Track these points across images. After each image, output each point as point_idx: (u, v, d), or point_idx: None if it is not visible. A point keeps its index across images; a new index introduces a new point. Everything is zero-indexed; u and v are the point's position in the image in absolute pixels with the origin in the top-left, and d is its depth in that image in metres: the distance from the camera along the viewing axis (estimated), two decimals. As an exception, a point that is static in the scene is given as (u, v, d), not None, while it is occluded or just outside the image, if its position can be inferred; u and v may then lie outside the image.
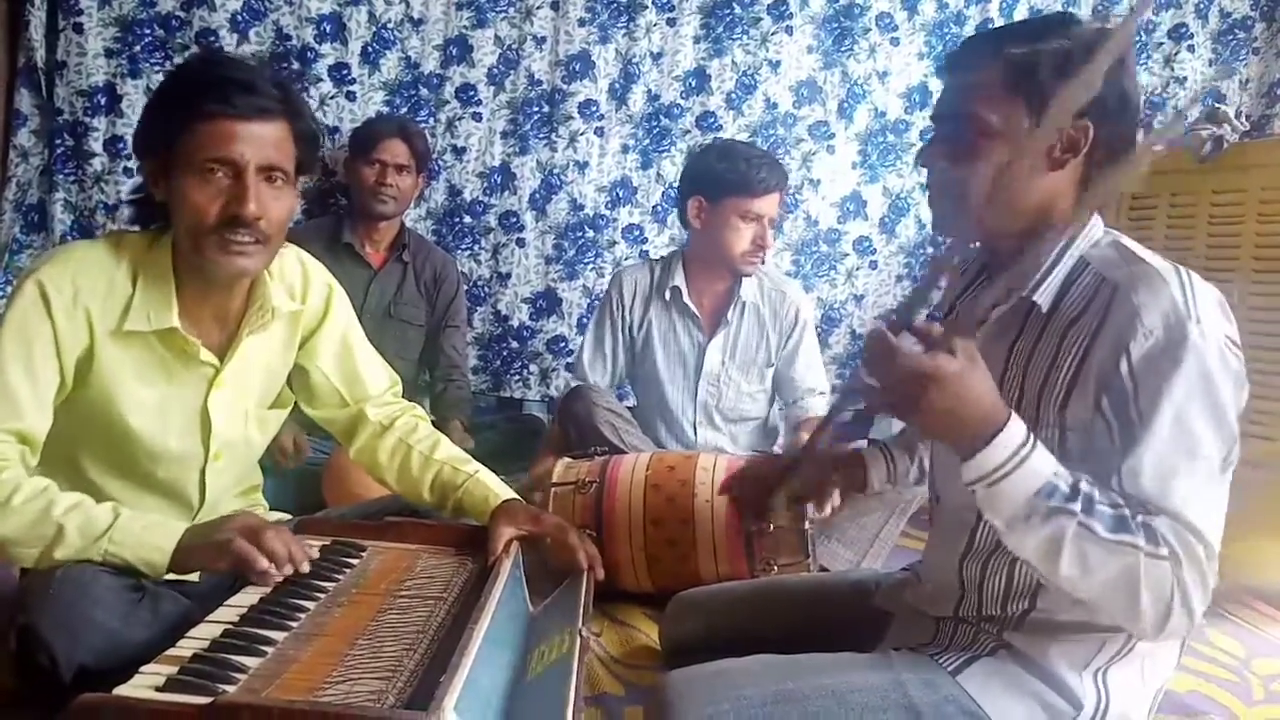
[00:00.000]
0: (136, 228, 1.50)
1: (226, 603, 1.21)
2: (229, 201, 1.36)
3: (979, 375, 1.06)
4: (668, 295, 2.64)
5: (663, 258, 2.78)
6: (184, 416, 1.51)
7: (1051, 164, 1.18)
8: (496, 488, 1.58)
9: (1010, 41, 1.19)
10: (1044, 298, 1.20)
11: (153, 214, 1.47)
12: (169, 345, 1.46)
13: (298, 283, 1.61)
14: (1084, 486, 1.06)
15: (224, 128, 1.35)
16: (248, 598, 1.23)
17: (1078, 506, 1.04)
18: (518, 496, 1.58)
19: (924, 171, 1.30)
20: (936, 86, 3.29)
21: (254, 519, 1.33)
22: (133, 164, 2.86)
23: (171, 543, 1.31)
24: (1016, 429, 1.05)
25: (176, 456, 1.51)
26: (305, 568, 1.30)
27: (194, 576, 1.46)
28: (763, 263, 2.58)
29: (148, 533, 1.32)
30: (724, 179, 2.50)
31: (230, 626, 1.14)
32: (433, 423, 1.76)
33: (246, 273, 1.44)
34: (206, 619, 1.16)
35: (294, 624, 1.17)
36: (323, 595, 1.27)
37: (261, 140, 1.37)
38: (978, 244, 1.36)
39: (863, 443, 1.68)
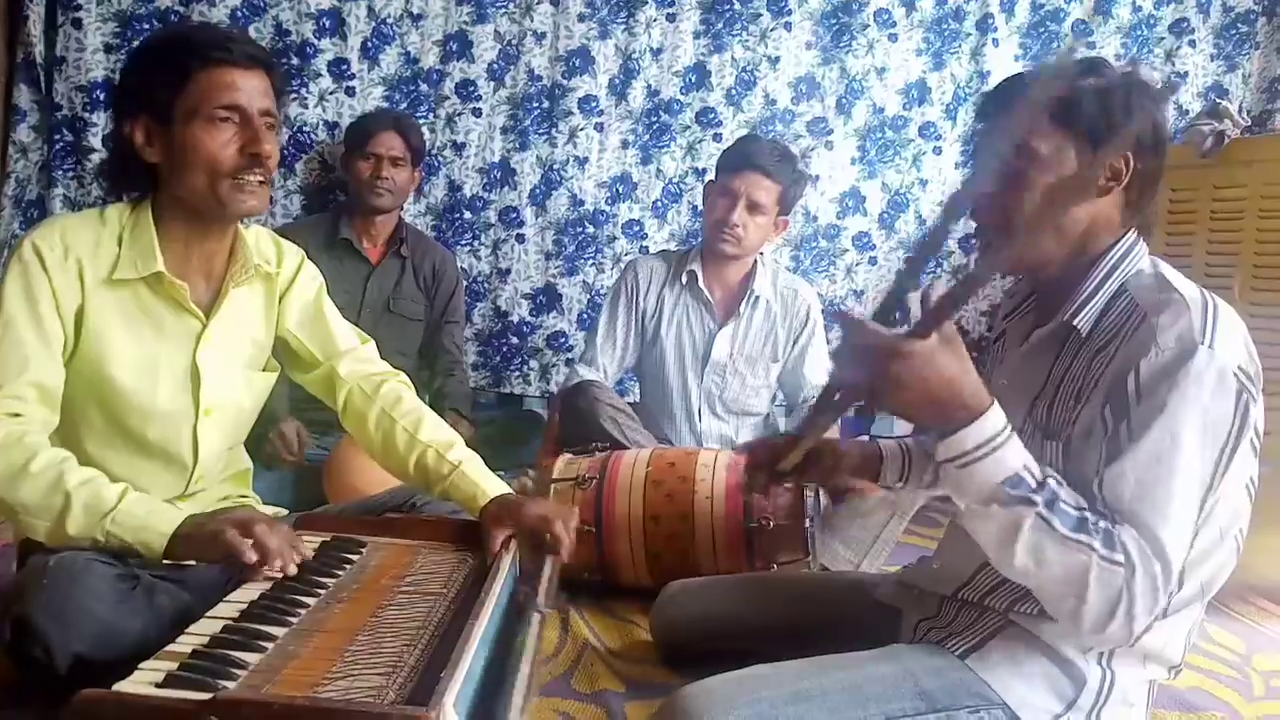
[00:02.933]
0: (113, 199, 1.55)
1: (226, 598, 1.20)
2: (245, 144, 1.45)
3: (952, 358, 1.09)
4: (684, 279, 2.69)
5: (680, 249, 2.87)
6: (173, 373, 1.53)
7: (1099, 192, 1.25)
8: (484, 482, 1.56)
9: (1052, 79, 1.24)
10: (1084, 322, 1.25)
11: (134, 181, 1.52)
12: (157, 292, 1.50)
13: (272, 253, 1.68)
14: (1051, 484, 1.11)
15: (228, 76, 1.44)
16: (248, 593, 1.23)
17: (1040, 499, 1.09)
18: (506, 489, 1.58)
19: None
20: (935, 83, 3.31)
21: (253, 512, 1.33)
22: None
23: (170, 528, 1.32)
24: (995, 417, 1.10)
25: (167, 414, 1.53)
26: (292, 569, 1.29)
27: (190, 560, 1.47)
28: (738, 242, 2.57)
29: (150, 517, 1.33)
30: (716, 160, 2.68)
31: (230, 622, 1.13)
32: None
33: (256, 211, 1.51)
34: (206, 615, 1.15)
35: (294, 620, 1.16)
36: (323, 591, 1.27)
37: (258, 88, 1.47)
38: (1021, 274, 1.42)
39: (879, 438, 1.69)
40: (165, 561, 1.34)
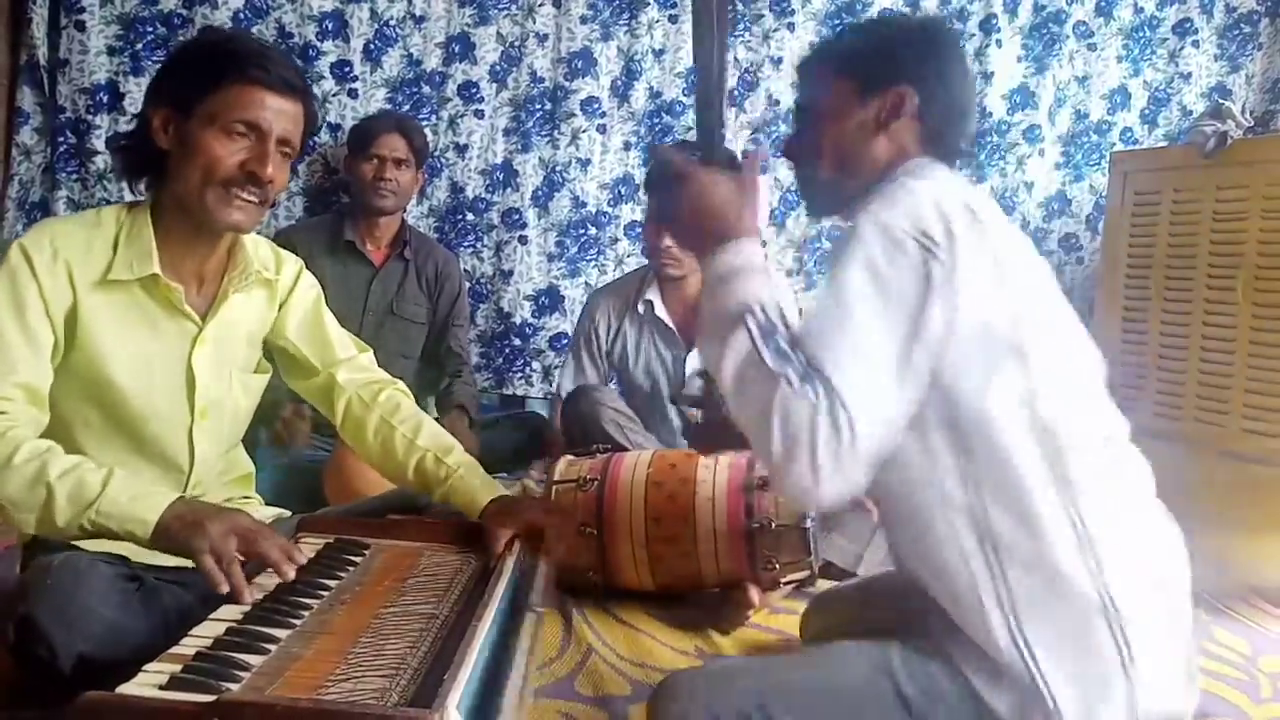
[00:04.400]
0: (122, 185, 1.56)
1: (229, 601, 1.21)
2: (248, 160, 1.44)
3: (730, 191, 1.23)
4: (641, 309, 2.63)
5: (639, 269, 2.78)
6: (168, 374, 1.53)
7: (878, 127, 1.34)
8: (481, 488, 1.57)
9: (839, 37, 1.45)
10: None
11: (144, 164, 1.52)
12: (152, 294, 1.50)
13: (271, 260, 1.68)
14: (774, 318, 1.16)
15: (258, 95, 1.45)
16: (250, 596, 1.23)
17: (755, 326, 1.15)
18: (505, 492, 1.58)
19: None
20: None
21: (240, 526, 1.29)
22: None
23: (155, 515, 1.29)
24: (748, 250, 1.20)
25: (163, 415, 1.53)
26: (247, 599, 1.22)
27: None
28: (678, 263, 2.49)
29: (134, 504, 1.30)
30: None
31: (233, 624, 1.14)
32: (437, 420, 1.75)
33: (240, 228, 1.50)
34: (210, 617, 1.16)
35: (297, 622, 1.16)
36: (326, 593, 1.27)
37: (285, 114, 1.47)
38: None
39: None
40: (168, 564, 1.33)
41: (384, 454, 1.65)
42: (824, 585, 2.03)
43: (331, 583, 1.30)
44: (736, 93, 3.26)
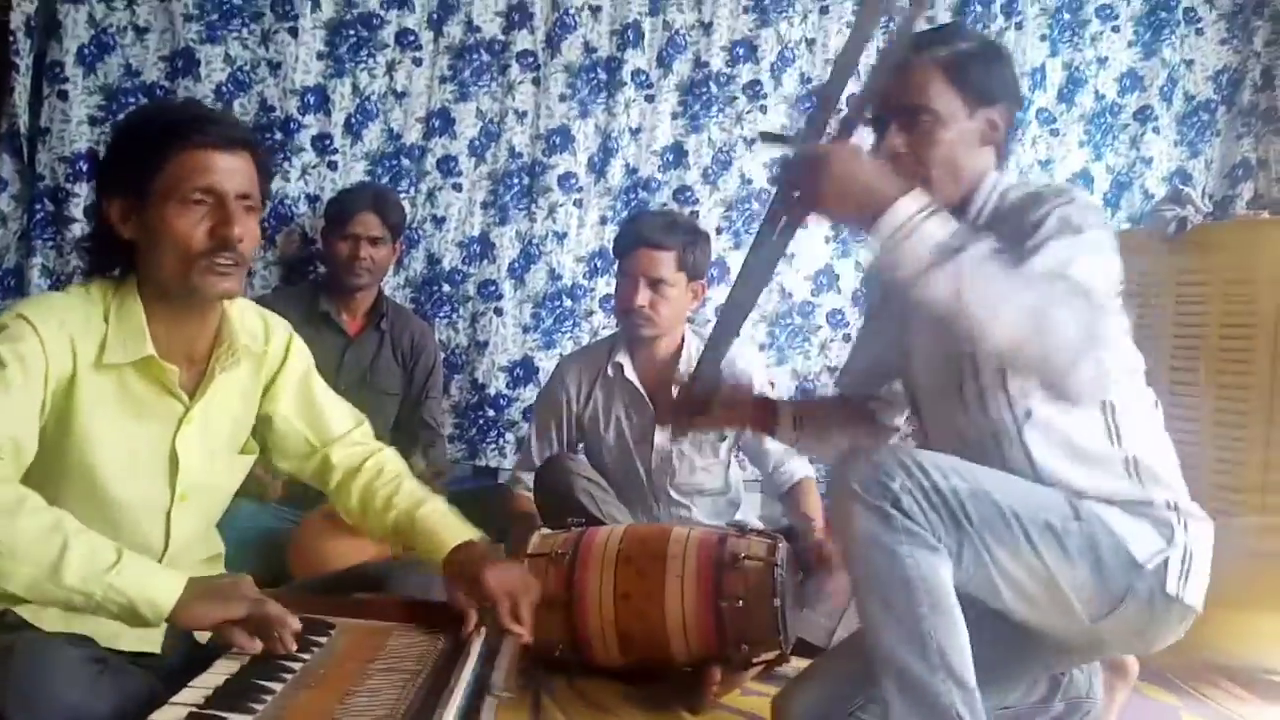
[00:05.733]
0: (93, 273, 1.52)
1: (191, 684, 1.19)
2: (215, 226, 1.42)
3: (867, 159, 1.34)
4: (610, 372, 2.63)
5: (609, 336, 2.80)
6: (152, 456, 1.50)
7: (982, 141, 1.49)
8: (444, 530, 1.55)
9: (937, 45, 1.49)
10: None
11: (112, 258, 1.49)
12: (145, 375, 1.47)
13: (259, 330, 1.65)
14: (983, 237, 1.26)
15: (205, 159, 1.42)
16: (213, 678, 1.21)
17: (975, 246, 1.24)
18: (473, 534, 1.57)
19: None
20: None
21: (262, 609, 1.30)
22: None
23: (177, 588, 1.27)
24: (915, 198, 1.27)
25: (140, 499, 1.49)
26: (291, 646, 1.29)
27: (155, 648, 1.44)
28: (651, 323, 2.51)
29: (153, 576, 1.28)
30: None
31: (195, 710, 1.12)
32: None
33: (230, 294, 1.49)
34: (171, 700, 1.14)
35: (259, 707, 1.15)
36: (290, 675, 1.25)
37: (236, 170, 1.45)
38: None
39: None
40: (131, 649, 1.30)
41: (364, 514, 1.65)
42: (798, 664, 2.01)
43: (296, 665, 1.29)
44: (711, 171, 3.32)
